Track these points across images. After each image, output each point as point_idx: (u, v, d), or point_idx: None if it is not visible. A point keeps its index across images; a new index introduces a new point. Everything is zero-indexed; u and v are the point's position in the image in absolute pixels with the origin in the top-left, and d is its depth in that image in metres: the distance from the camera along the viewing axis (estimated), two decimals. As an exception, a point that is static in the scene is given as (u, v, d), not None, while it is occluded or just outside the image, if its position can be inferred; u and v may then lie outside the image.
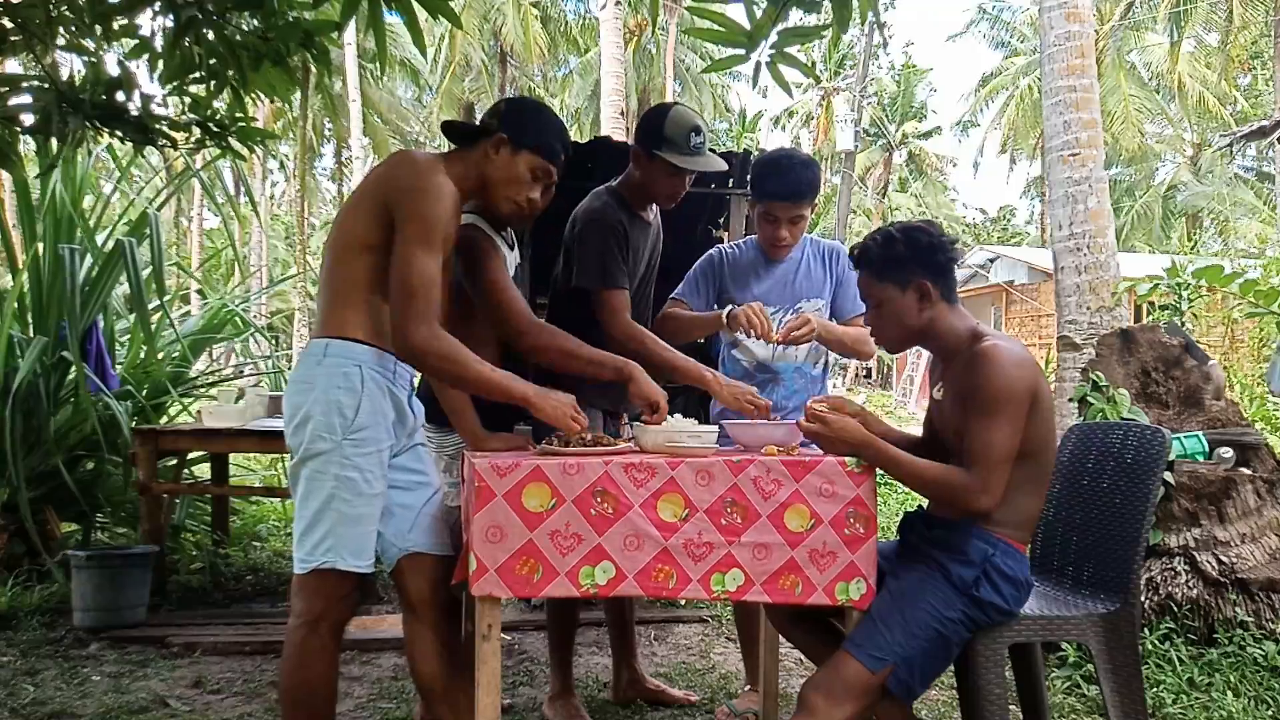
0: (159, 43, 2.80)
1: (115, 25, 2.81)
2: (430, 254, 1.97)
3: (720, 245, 3.04)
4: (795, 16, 2.15)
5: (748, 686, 2.98)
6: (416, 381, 2.27)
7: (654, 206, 2.85)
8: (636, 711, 2.99)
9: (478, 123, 2.26)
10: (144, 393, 4.80)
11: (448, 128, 2.28)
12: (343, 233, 2.08)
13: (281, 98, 2.99)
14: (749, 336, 2.76)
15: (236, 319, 5.68)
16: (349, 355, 2.01)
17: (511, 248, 2.52)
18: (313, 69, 2.91)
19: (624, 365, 2.36)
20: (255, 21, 2.78)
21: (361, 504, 2.00)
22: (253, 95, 2.98)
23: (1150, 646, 3.16)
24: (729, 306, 2.76)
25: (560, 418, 2.10)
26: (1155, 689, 2.97)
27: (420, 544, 2.14)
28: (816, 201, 2.90)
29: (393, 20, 2.74)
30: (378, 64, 24.34)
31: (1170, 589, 3.28)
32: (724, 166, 2.75)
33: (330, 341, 2.02)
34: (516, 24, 25.52)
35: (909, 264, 2.14)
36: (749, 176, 3.04)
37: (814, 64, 29.98)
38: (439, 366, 2.00)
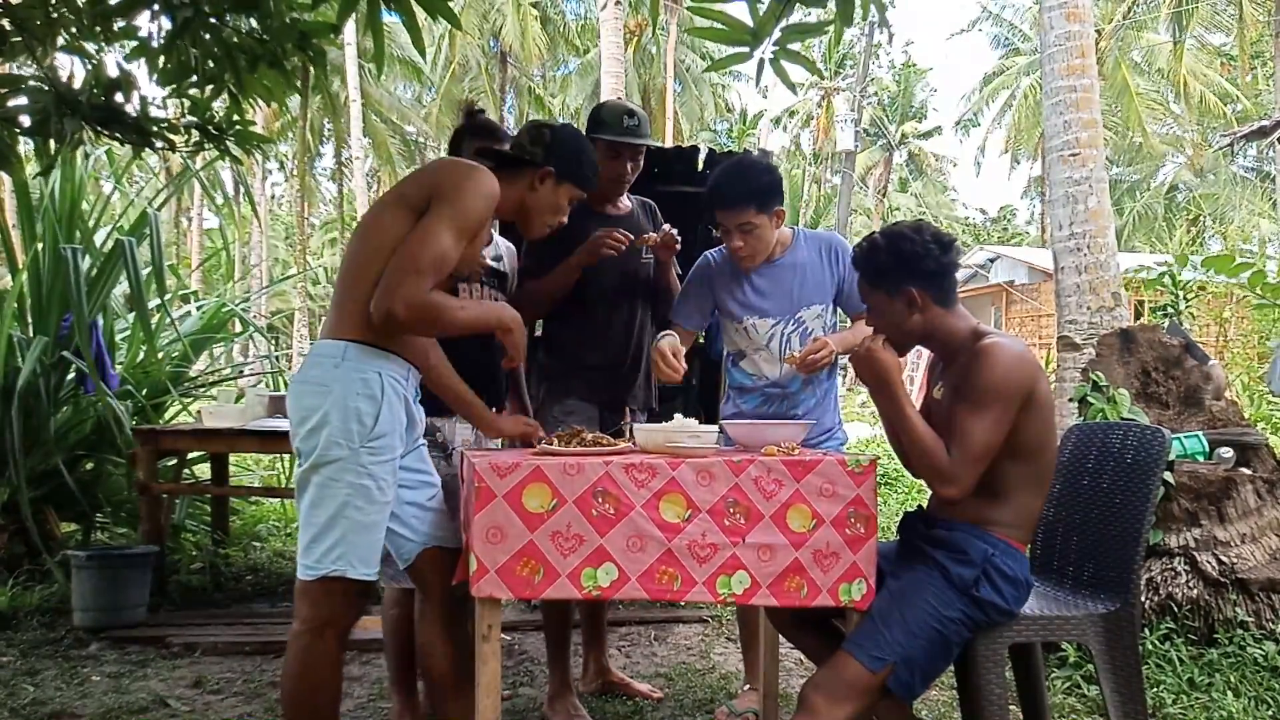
0: (158, 44, 2.80)
1: (114, 27, 2.81)
2: (455, 239, 1.95)
3: (708, 253, 2.94)
4: (798, 13, 2.14)
5: (747, 686, 2.98)
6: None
7: (627, 200, 3.02)
8: (636, 711, 2.99)
9: (516, 146, 2.26)
10: (144, 393, 4.80)
11: (484, 150, 2.26)
12: (374, 233, 2.03)
13: (278, 101, 2.99)
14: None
15: (236, 319, 5.68)
16: (369, 361, 1.98)
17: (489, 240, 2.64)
18: (313, 70, 2.90)
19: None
20: (252, 23, 2.77)
21: (374, 512, 1.99)
22: (249, 99, 2.98)
23: (1150, 646, 3.16)
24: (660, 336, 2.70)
25: (518, 339, 2.16)
26: (1155, 689, 2.97)
27: (438, 538, 2.15)
28: (780, 209, 2.68)
29: (392, 20, 2.74)
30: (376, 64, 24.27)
31: (1170, 589, 3.28)
32: (656, 143, 2.90)
33: (348, 344, 1.98)
34: (515, 25, 25.51)
35: (894, 273, 2.13)
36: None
37: (814, 63, 29.96)
38: (421, 319, 1.95)
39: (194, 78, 2.85)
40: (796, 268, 2.78)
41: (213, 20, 2.69)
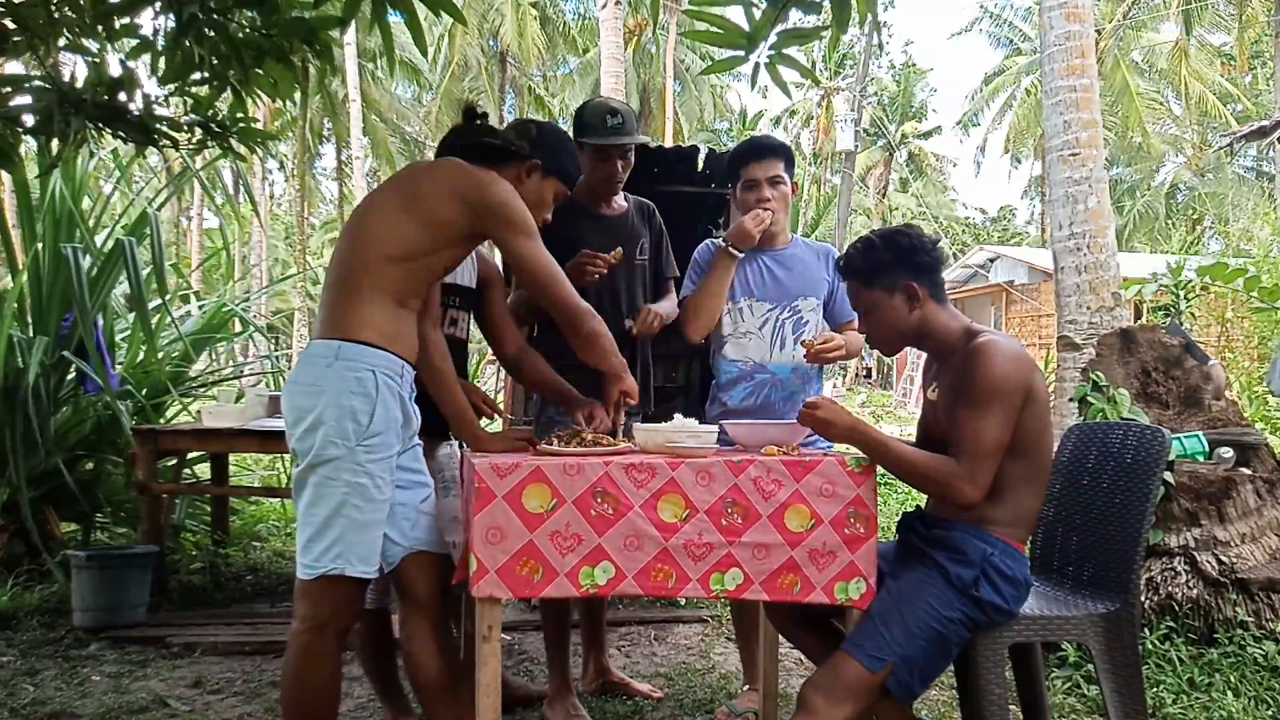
0: (161, 42, 2.80)
1: (117, 25, 2.81)
2: (539, 244, 2.10)
3: (708, 240, 2.99)
4: (794, 17, 2.15)
5: (747, 686, 2.99)
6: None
7: (622, 200, 3.02)
8: (636, 711, 2.99)
9: (498, 141, 2.25)
10: (144, 393, 4.80)
11: (470, 144, 2.25)
12: (371, 236, 2.03)
13: (284, 94, 2.98)
14: (757, 231, 2.74)
15: (236, 319, 5.68)
16: (362, 359, 1.98)
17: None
18: (312, 69, 2.90)
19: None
20: (258, 19, 2.77)
21: (371, 510, 1.99)
22: (253, 96, 2.97)
23: (1150, 646, 3.16)
24: (724, 240, 2.78)
25: (627, 392, 2.26)
26: (1155, 689, 2.97)
27: (424, 542, 2.14)
28: (795, 181, 2.90)
29: (392, 20, 2.74)
30: (380, 63, 24.41)
31: (1170, 589, 3.28)
32: (643, 140, 2.99)
33: (341, 344, 1.98)
34: (514, 24, 25.50)
35: (892, 268, 2.16)
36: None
37: (814, 64, 29.99)
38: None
39: (197, 75, 2.85)
40: (796, 260, 2.90)
41: (217, 16, 2.68)
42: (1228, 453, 3.47)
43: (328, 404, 1.95)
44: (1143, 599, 3.27)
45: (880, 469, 2.14)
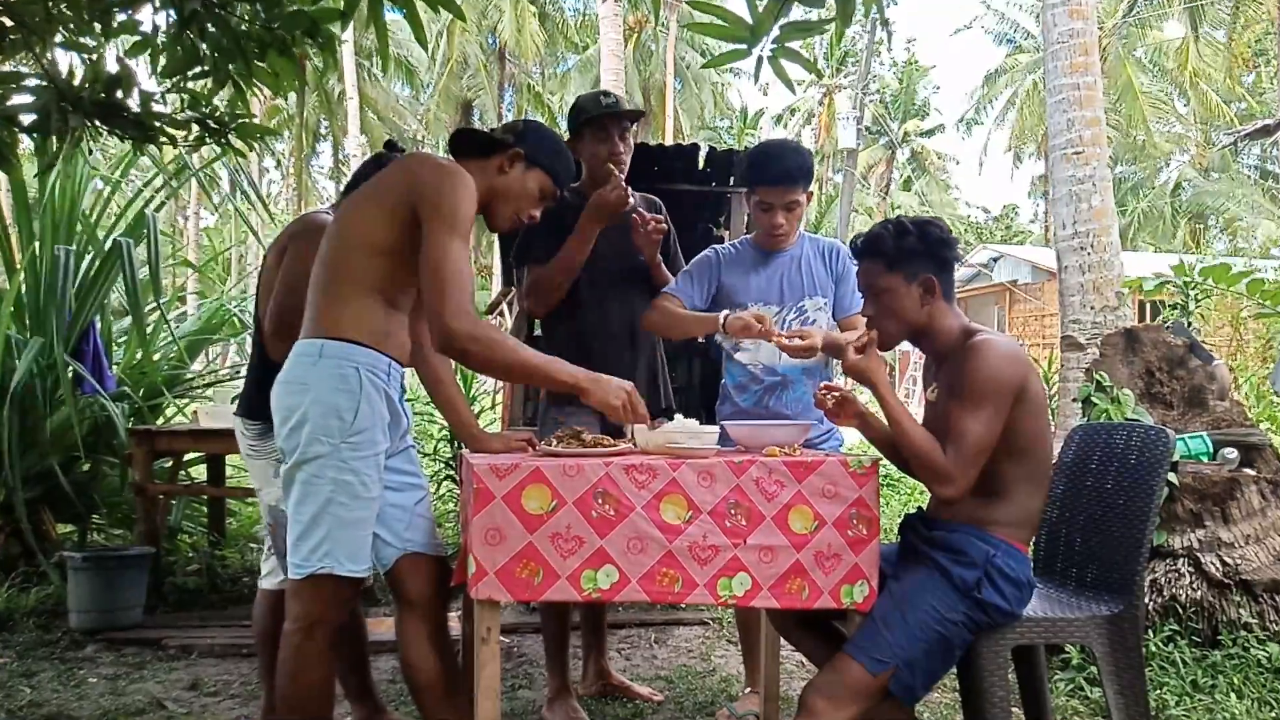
0: (160, 38, 2.78)
1: (115, 22, 2.79)
2: (463, 244, 1.97)
3: (715, 245, 2.97)
4: (797, 11, 2.12)
5: (749, 689, 2.97)
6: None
7: (631, 196, 2.94)
8: (636, 712, 2.97)
9: (489, 131, 2.25)
10: (141, 394, 4.78)
11: (460, 137, 2.25)
12: (349, 232, 2.04)
13: (287, 87, 2.96)
14: (749, 341, 2.74)
15: (235, 319, 5.66)
16: (346, 356, 1.97)
17: None
18: (309, 66, 2.88)
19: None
20: (259, 11, 2.75)
21: (359, 507, 1.97)
22: (254, 89, 2.96)
23: (1154, 648, 3.14)
24: (725, 312, 2.70)
25: (610, 404, 2.08)
26: (1159, 691, 2.95)
27: (418, 544, 2.13)
28: (811, 190, 2.85)
29: (391, 17, 2.73)
30: (376, 61, 24.39)
31: (1174, 590, 3.26)
32: (637, 111, 2.96)
33: (325, 342, 1.98)
34: (513, 21, 25.48)
35: (920, 257, 2.13)
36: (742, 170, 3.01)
37: (815, 61, 29.96)
38: (484, 354, 1.95)
39: (196, 70, 2.83)
40: (801, 260, 2.87)
41: (219, 11, 2.67)
42: (1232, 453, 3.44)
43: (312, 401, 1.94)
44: (1146, 601, 3.25)
45: (880, 468, 2.12)
